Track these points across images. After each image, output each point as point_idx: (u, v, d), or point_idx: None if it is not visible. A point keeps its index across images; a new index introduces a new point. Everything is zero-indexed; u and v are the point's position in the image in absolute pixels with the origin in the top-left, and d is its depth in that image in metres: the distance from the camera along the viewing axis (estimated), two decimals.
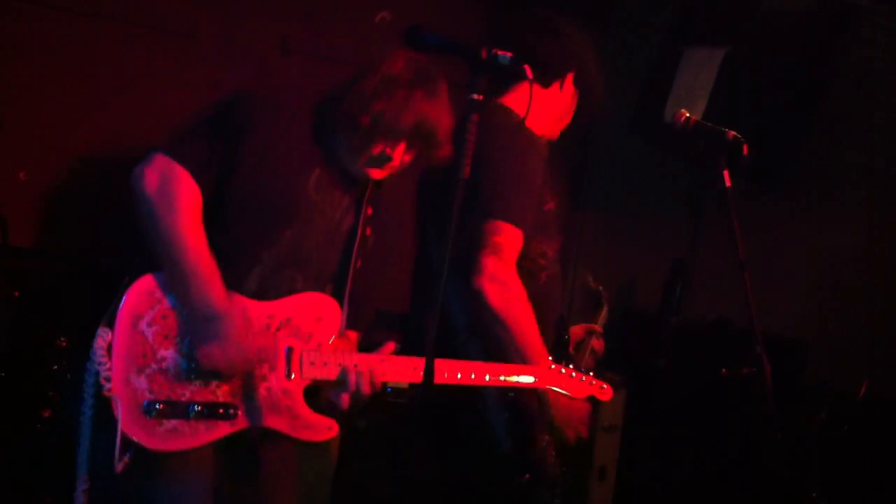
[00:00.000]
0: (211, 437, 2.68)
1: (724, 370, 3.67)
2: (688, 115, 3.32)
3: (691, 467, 4.85)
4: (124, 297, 2.62)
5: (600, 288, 4.13)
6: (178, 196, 2.67)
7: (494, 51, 2.46)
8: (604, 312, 3.98)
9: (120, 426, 2.56)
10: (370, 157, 2.84)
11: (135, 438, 2.59)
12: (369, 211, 3.00)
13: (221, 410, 2.68)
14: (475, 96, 2.43)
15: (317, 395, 2.86)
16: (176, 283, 2.66)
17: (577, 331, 3.74)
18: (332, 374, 2.79)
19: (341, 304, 2.91)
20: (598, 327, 3.80)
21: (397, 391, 4.52)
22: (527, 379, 3.04)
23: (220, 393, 2.69)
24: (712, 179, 3.26)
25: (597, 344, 3.74)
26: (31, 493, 4.17)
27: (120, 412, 2.56)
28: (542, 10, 3.49)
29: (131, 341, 2.61)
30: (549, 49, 3.39)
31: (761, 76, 5.11)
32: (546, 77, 3.40)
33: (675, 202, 5.59)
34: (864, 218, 5.36)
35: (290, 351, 2.78)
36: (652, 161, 5.61)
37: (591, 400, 3.27)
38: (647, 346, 4.70)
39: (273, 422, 2.75)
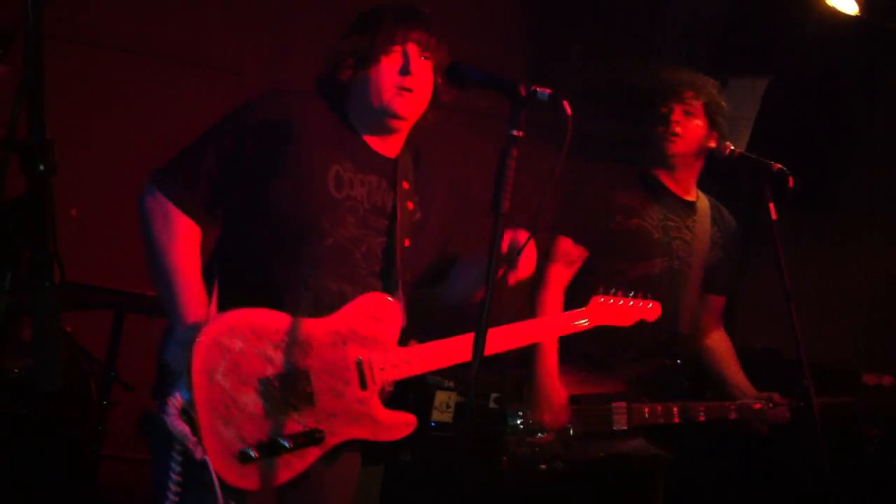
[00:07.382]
0: (305, 465, 2.71)
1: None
2: (732, 147, 3.31)
3: (738, 500, 4.78)
4: (192, 358, 2.60)
5: None
6: (173, 237, 2.71)
7: (534, 87, 2.46)
8: None
9: (216, 478, 2.56)
10: (390, 81, 2.80)
11: (237, 486, 2.61)
12: (405, 185, 2.92)
13: (309, 438, 2.71)
14: (515, 132, 2.44)
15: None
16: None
17: None
18: (401, 374, 2.80)
19: (396, 292, 2.85)
20: None
21: (441, 425, 4.53)
22: (581, 322, 3.18)
23: (306, 422, 2.71)
24: (757, 208, 3.24)
25: None
26: None
27: (213, 466, 2.56)
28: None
29: (211, 395, 2.60)
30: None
31: (806, 102, 5.08)
32: None
33: None
34: None
35: (359, 363, 2.77)
36: None
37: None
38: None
39: (355, 433, 2.77)
